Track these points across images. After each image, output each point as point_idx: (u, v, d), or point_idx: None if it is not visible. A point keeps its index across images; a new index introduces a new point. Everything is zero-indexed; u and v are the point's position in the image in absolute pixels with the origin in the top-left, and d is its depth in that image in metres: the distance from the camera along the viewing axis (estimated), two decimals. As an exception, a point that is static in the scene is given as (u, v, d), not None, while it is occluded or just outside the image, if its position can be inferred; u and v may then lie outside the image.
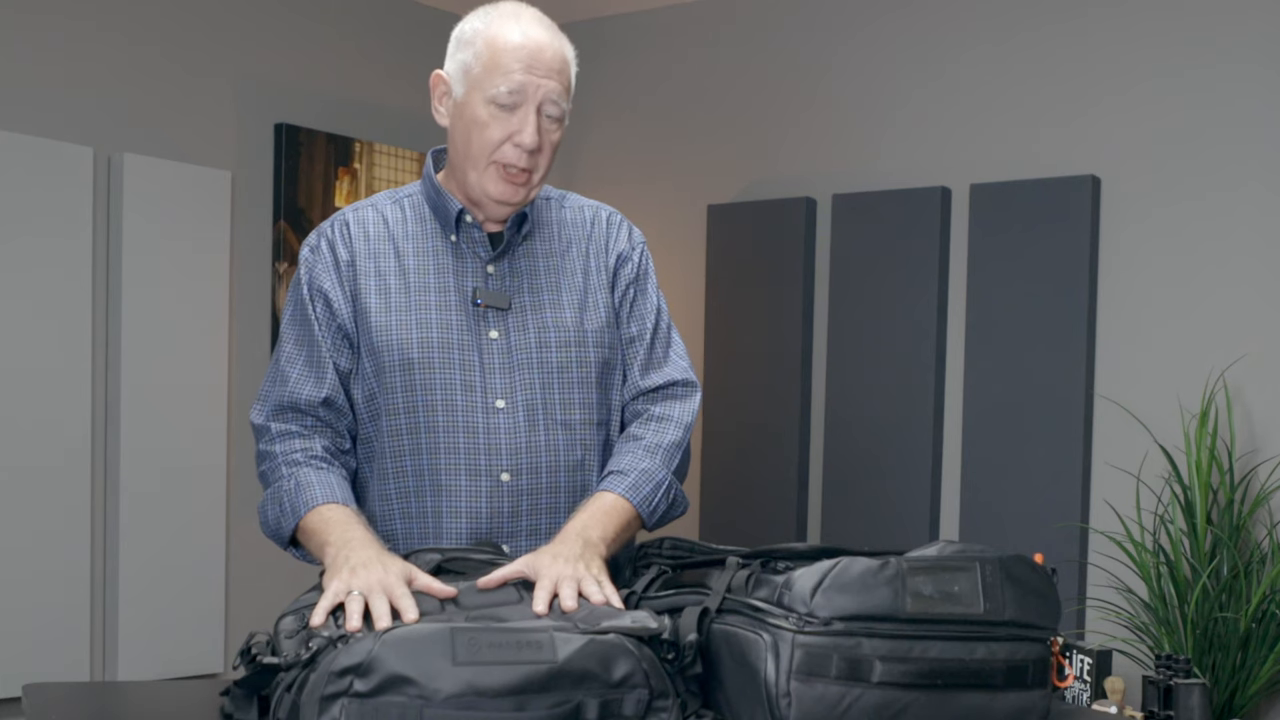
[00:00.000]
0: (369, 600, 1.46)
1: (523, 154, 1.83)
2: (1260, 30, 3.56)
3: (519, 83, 1.80)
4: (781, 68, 4.36)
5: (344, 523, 1.72)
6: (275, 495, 1.82)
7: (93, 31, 3.76)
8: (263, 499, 1.86)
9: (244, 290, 4.14)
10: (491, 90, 1.81)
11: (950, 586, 1.38)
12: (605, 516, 1.77)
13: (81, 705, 1.63)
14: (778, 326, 4.26)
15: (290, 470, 1.82)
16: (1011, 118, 3.93)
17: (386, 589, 1.49)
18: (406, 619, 1.43)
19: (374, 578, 1.51)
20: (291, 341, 1.90)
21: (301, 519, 1.77)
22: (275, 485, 1.83)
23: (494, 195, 1.85)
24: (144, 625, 3.84)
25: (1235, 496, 3.42)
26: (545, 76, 1.82)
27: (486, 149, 1.83)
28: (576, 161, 4.77)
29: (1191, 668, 3.04)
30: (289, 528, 1.80)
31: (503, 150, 1.83)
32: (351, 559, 1.58)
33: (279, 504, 1.81)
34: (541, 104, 1.82)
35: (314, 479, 1.80)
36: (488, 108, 1.82)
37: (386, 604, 1.46)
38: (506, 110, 1.81)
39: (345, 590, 1.49)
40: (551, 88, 1.83)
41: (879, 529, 4.03)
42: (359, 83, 4.44)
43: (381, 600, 1.46)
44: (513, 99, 1.81)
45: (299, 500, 1.78)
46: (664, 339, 1.99)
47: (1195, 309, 3.63)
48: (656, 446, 1.88)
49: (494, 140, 1.82)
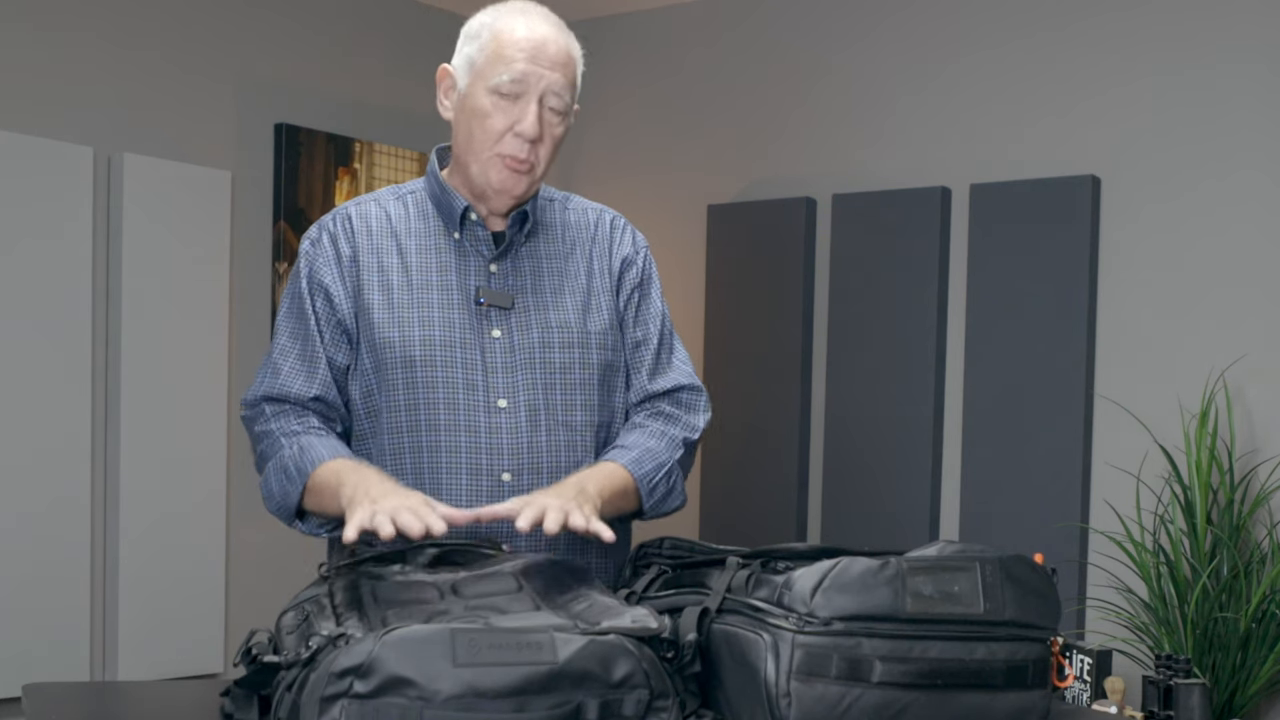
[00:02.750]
0: (396, 518, 1.53)
1: (523, 144, 1.83)
2: (1260, 30, 3.56)
3: (521, 72, 1.81)
4: (781, 68, 4.36)
5: (355, 469, 1.73)
6: (279, 464, 1.81)
7: (93, 32, 3.76)
8: (264, 476, 1.84)
9: (244, 290, 4.14)
10: (494, 79, 1.81)
11: (950, 586, 1.38)
12: (604, 477, 1.79)
13: (81, 705, 1.62)
14: (778, 326, 4.26)
15: (291, 440, 1.82)
16: (1011, 118, 3.93)
17: (412, 508, 1.55)
18: (435, 531, 1.52)
19: (398, 501, 1.57)
20: (286, 335, 1.88)
21: (309, 478, 1.77)
22: (278, 455, 1.82)
23: (495, 184, 1.85)
24: (144, 625, 3.84)
25: (1235, 496, 3.42)
26: (549, 68, 1.82)
27: (489, 139, 1.83)
28: (576, 161, 4.77)
29: (1191, 668, 3.04)
30: (297, 493, 1.79)
31: (504, 141, 1.83)
32: (371, 490, 1.63)
33: (284, 471, 1.80)
34: (544, 95, 1.82)
35: (317, 442, 1.80)
36: (490, 97, 1.82)
37: (413, 517, 1.53)
38: (509, 100, 1.82)
39: (371, 513, 1.55)
40: (555, 79, 1.83)
41: (879, 529, 4.03)
42: (359, 83, 4.44)
43: (409, 515, 1.53)
44: (515, 88, 1.81)
45: (305, 461, 1.78)
46: (668, 344, 2.00)
47: (1195, 309, 3.63)
48: (663, 433, 1.90)
49: (496, 130, 1.83)
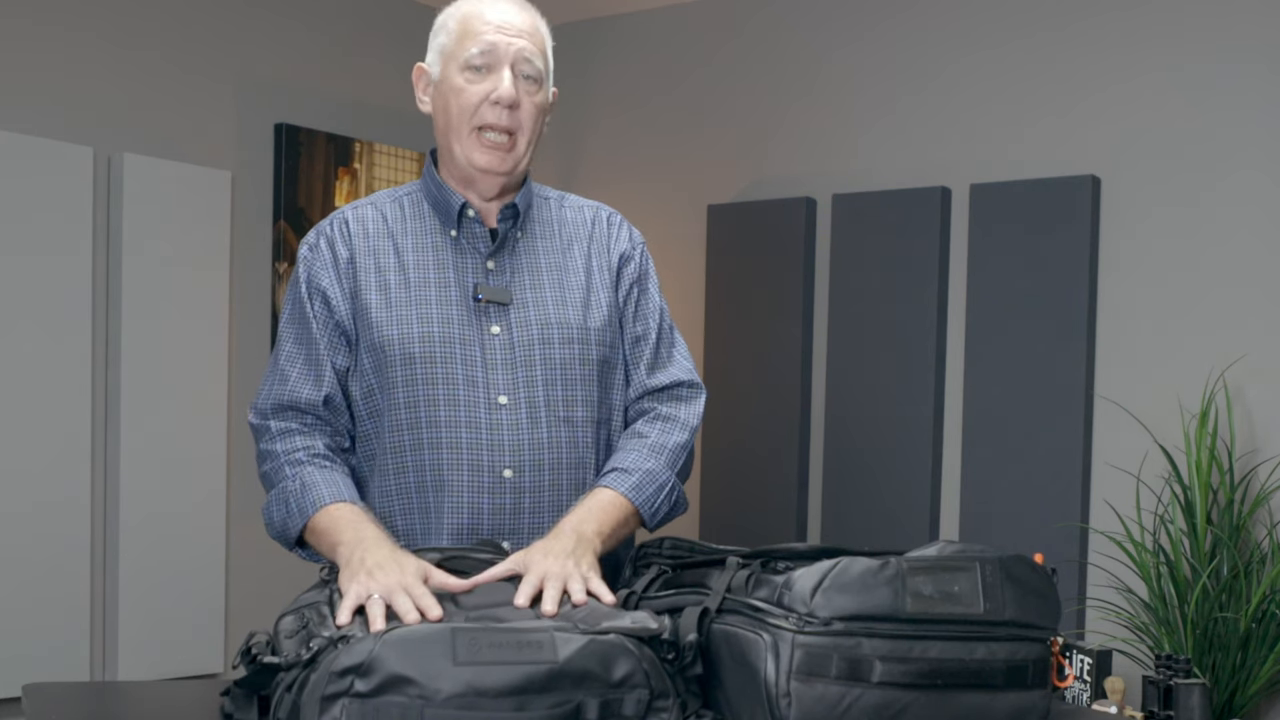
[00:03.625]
0: (391, 601, 1.47)
1: (502, 111, 1.85)
2: (1260, 30, 3.56)
3: (490, 42, 1.84)
4: (781, 68, 4.36)
5: (355, 522, 1.72)
6: (281, 496, 1.82)
7: (93, 32, 3.76)
8: (267, 500, 1.86)
9: (244, 290, 4.14)
10: (464, 56, 1.85)
11: (950, 586, 1.38)
12: (603, 512, 1.77)
13: (81, 705, 1.62)
14: (778, 327, 4.26)
15: (294, 470, 1.82)
16: (1011, 118, 3.93)
17: (407, 589, 1.50)
18: (431, 616, 1.45)
19: (393, 580, 1.52)
20: (291, 340, 1.90)
21: (310, 519, 1.77)
22: (280, 486, 1.83)
23: (479, 165, 1.87)
24: (144, 625, 3.84)
25: (1235, 496, 3.42)
26: (516, 36, 1.86)
27: (466, 113, 1.85)
28: (576, 161, 4.77)
29: (1191, 668, 3.04)
30: (296, 529, 1.80)
31: (481, 112, 1.85)
32: (367, 560, 1.59)
33: (285, 505, 1.81)
34: (515, 62, 1.85)
35: (319, 478, 1.80)
36: (464, 74, 1.85)
37: (409, 603, 1.47)
38: (481, 73, 1.84)
39: (366, 593, 1.50)
40: (524, 45, 1.86)
41: (879, 529, 4.03)
42: (359, 83, 4.44)
43: (404, 599, 1.48)
44: (485, 59, 1.84)
45: (306, 500, 1.78)
46: (668, 339, 2.00)
47: (1195, 309, 3.63)
48: (662, 447, 1.89)
49: (472, 103, 1.85)
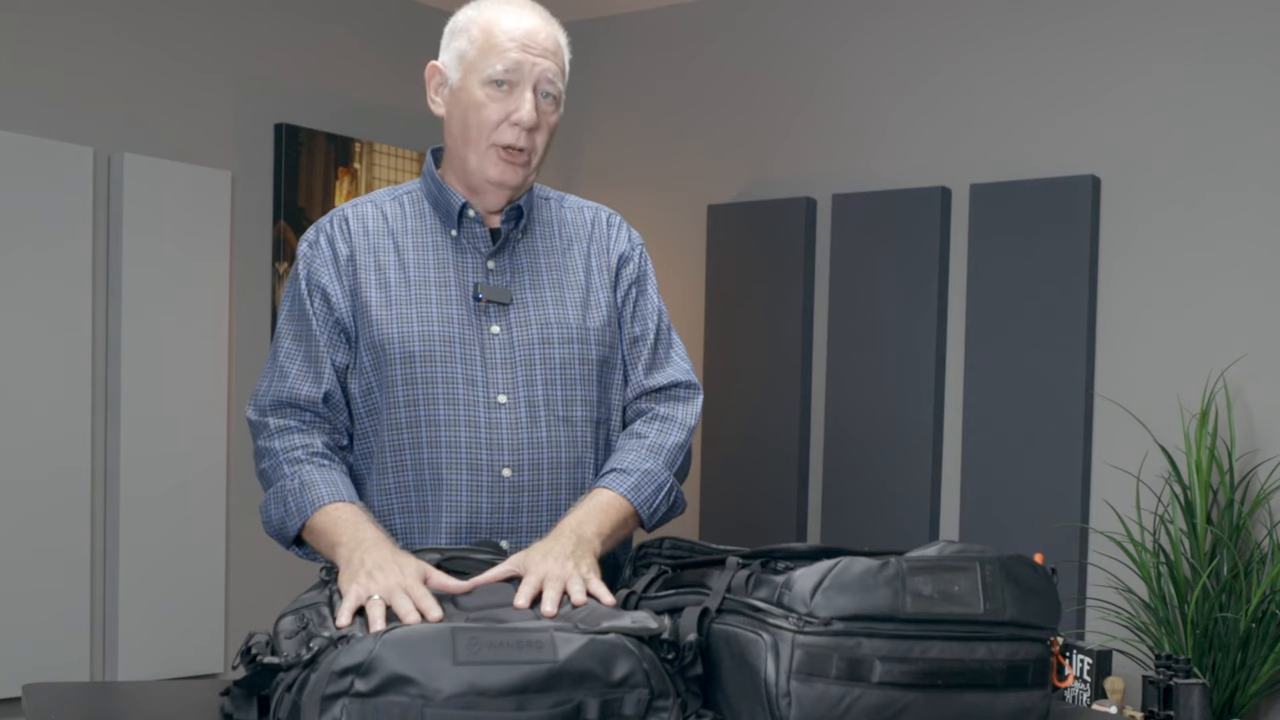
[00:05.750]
0: (391, 602, 1.48)
1: (521, 133, 1.84)
2: (1260, 30, 3.56)
3: (515, 61, 1.83)
4: (781, 68, 4.36)
5: (354, 523, 1.72)
6: (279, 494, 1.82)
7: (93, 31, 3.76)
8: (265, 499, 1.85)
9: (244, 290, 4.14)
10: (488, 70, 1.83)
11: (950, 586, 1.38)
12: (602, 513, 1.77)
13: (81, 705, 1.62)
14: (778, 326, 4.25)
15: (293, 469, 1.82)
16: (1011, 118, 3.93)
17: (407, 590, 1.50)
18: (430, 617, 1.45)
19: (393, 580, 1.52)
20: (290, 337, 1.89)
21: (308, 519, 1.77)
22: (278, 484, 1.83)
23: (493, 178, 1.87)
24: (144, 625, 3.84)
25: (1235, 496, 3.42)
26: (540, 56, 1.85)
27: (485, 130, 1.85)
28: (576, 161, 4.77)
29: (1191, 668, 3.04)
30: (294, 528, 1.79)
31: (500, 131, 1.85)
32: (367, 561, 1.59)
33: (283, 504, 1.80)
34: (538, 83, 1.85)
35: (318, 477, 1.80)
36: (485, 89, 1.84)
37: (409, 603, 1.47)
38: (503, 90, 1.84)
39: (366, 595, 1.50)
40: (547, 67, 1.85)
41: (879, 529, 4.03)
42: (359, 83, 4.44)
43: (404, 600, 1.48)
44: (509, 77, 1.83)
45: (304, 500, 1.78)
46: (665, 340, 2.00)
47: (1195, 309, 3.63)
48: (660, 447, 1.89)
49: (492, 120, 1.84)
